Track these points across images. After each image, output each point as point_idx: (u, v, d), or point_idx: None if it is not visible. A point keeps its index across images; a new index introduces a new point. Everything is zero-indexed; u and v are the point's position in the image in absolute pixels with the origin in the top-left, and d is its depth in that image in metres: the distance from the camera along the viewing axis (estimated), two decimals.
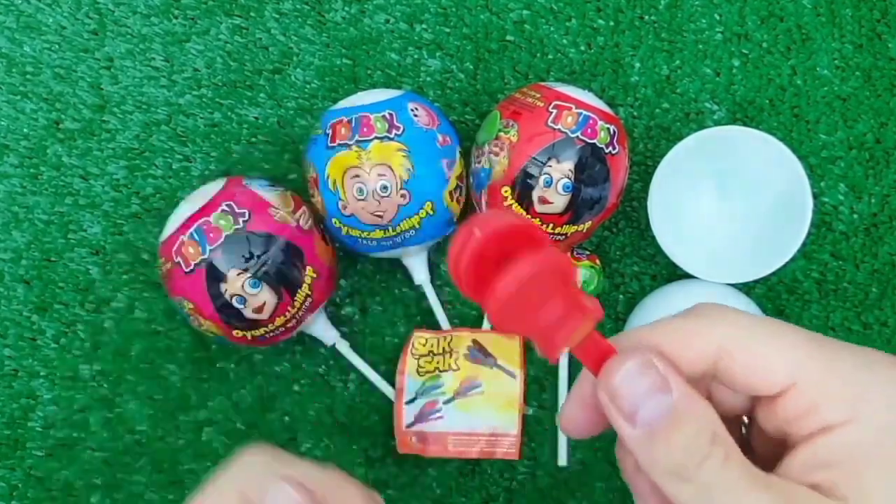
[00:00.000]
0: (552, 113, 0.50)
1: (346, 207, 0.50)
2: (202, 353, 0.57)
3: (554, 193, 0.50)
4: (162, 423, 0.56)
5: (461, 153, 0.54)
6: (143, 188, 0.58)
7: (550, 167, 0.49)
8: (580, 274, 0.54)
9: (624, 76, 0.59)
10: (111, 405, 0.56)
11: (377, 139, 0.49)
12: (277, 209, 0.50)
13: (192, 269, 0.48)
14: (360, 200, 0.50)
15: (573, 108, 0.50)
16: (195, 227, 0.48)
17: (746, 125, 0.57)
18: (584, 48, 0.59)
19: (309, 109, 0.58)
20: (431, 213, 0.51)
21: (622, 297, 0.58)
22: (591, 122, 0.50)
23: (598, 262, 0.56)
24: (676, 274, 0.57)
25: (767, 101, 0.59)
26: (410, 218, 0.51)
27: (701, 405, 0.24)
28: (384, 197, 0.50)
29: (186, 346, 0.57)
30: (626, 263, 0.58)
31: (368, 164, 0.49)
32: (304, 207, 0.52)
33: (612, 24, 0.59)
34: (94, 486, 0.56)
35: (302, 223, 0.51)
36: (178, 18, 0.58)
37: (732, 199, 0.56)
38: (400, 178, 0.49)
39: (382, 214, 0.50)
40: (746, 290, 0.57)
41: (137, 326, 0.57)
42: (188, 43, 0.58)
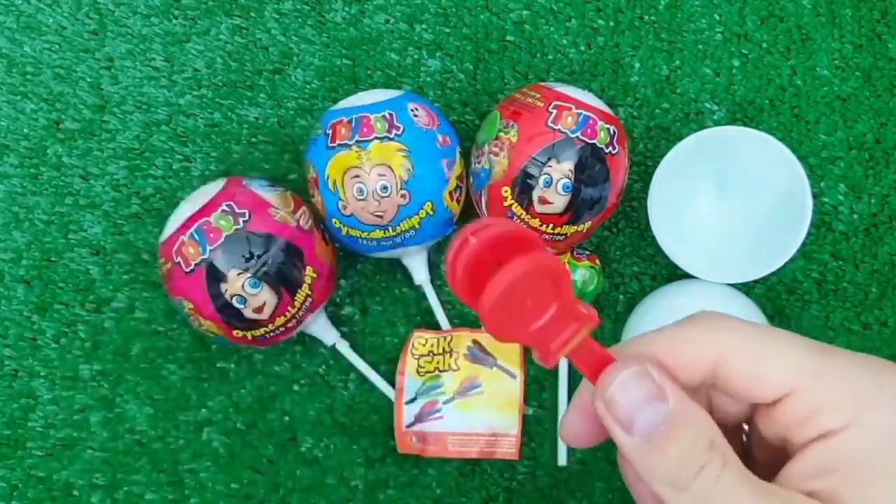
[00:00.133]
0: (552, 113, 0.50)
1: (346, 207, 0.50)
2: (202, 353, 0.57)
3: (554, 193, 0.50)
4: (162, 423, 0.56)
5: (461, 153, 0.54)
6: (143, 188, 0.58)
7: (550, 167, 0.49)
8: (580, 274, 0.54)
9: (624, 76, 0.59)
10: (111, 405, 0.56)
11: (377, 139, 0.49)
12: (277, 209, 0.50)
13: (192, 269, 0.48)
14: (360, 200, 0.50)
15: (573, 108, 0.50)
16: (195, 227, 0.48)
17: (746, 125, 0.57)
18: (584, 48, 0.59)
19: (309, 109, 0.58)
20: (431, 213, 0.51)
21: (622, 297, 0.58)
22: (591, 122, 0.50)
23: (598, 262, 0.56)
24: (676, 274, 0.57)
25: (767, 101, 0.59)
26: (410, 218, 0.51)
27: (697, 413, 0.24)
28: (384, 197, 0.50)
29: (186, 346, 0.57)
30: (626, 263, 0.58)
31: (368, 164, 0.49)
32: (304, 207, 0.52)
33: (612, 24, 0.59)
34: (94, 486, 0.56)
35: (302, 223, 0.51)
36: (178, 19, 0.58)
37: (732, 199, 0.56)
38: (400, 178, 0.49)
39: (382, 214, 0.50)
40: (746, 290, 0.57)
41: (137, 326, 0.57)
42: (188, 43, 0.58)
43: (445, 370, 0.55)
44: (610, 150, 0.50)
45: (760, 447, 0.27)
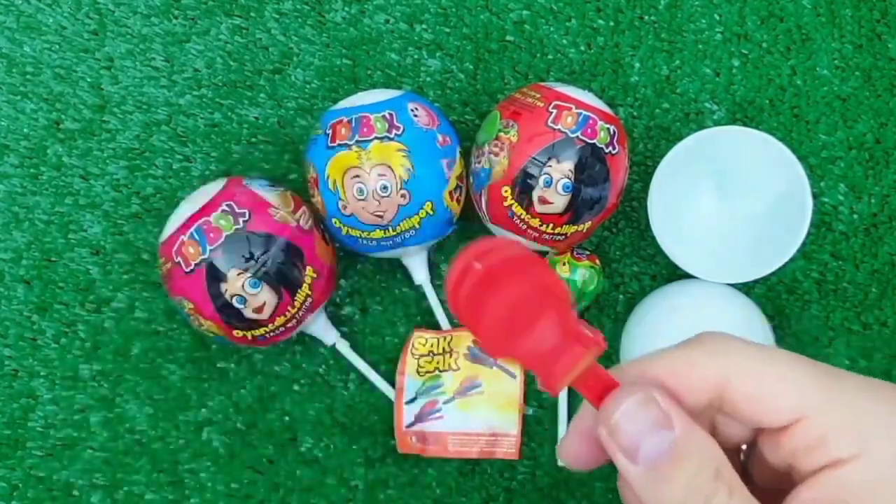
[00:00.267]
0: (552, 113, 0.50)
1: (346, 207, 0.50)
2: (202, 353, 0.57)
3: (554, 193, 0.50)
4: (162, 423, 0.56)
5: (461, 153, 0.54)
6: (143, 188, 0.58)
7: (550, 167, 0.49)
8: (580, 274, 0.54)
9: (624, 76, 0.59)
10: (111, 405, 0.56)
11: (377, 139, 0.49)
12: (277, 209, 0.50)
13: (192, 269, 0.48)
14: (360, 200, 0.50)
15: (573, 108, 0.50)
16: (195, 227, 0.48)
17: (746, 125, 0.57)
18: (584, 48, 0.59)
19: (309, 109, 0.58)
20: (431, 213, 0.51)
21: (622, 297, 0.58)
22: (591, 122, 0.50)
23: (598, 262, 0.56)
24: (676, 274, 0.57)
25: (767, 101, 0.59)
26: (410, 218, 0.51)
27: (704, 441, 0.23)
28: (384, 197, 0.50)
29: (186, 346, 0.57)
30: (626, 263, 0.58)
31: (368, 164, 0.49)
32: (304, 207, 0.52)
33: (612, 24, 0.59)
34: (94, 486, 0.56)
35: (302, 223, 0.51)
36: (178, 19, 0.58)
37: (732, 199, 0.56)
38: (400, 178, 0.49)
39: (382, 214, 0.50)
40: (746, 290, 0.57)
41: (137, 326, 0.57)
42: (188, 43, 0.58)
43: (445, 370, 0.55)
44: (610, 150, 0.50)
45: (761, 470, 0.27)
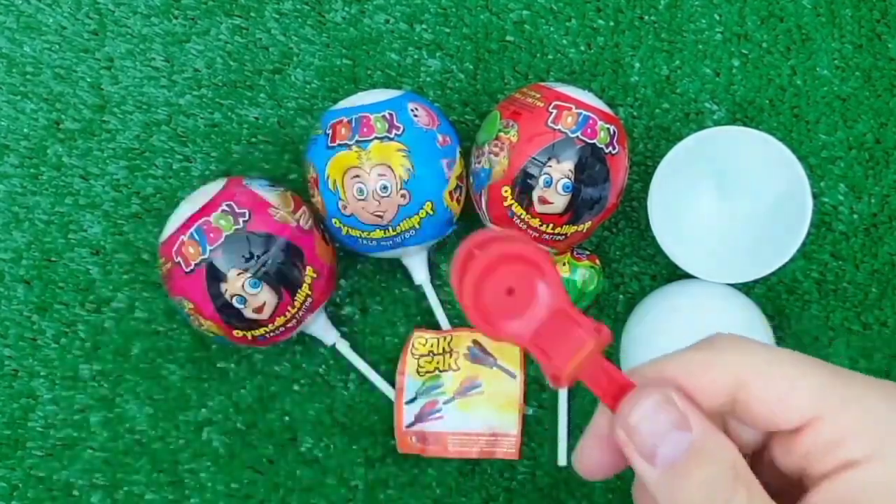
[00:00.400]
0: (552, 113, 0.50)
1: (346, 207, 0.50)
2: (202, 353, 0.57)
3: (554, 193, 0.50)
4: (162, 423, 0.56)
5: (461, 153, 0.54)
6: (143, 188, 0.58)
7: (550, 167, 0.49)
8: (580, 274, 0.54)
9: (624, 76, 0.59)
10: (111, 405, 0.56)
11: (377, 139, 0.49)
12: (277, 209, 0.50)
13: (192, 269, 0.48)
14: (360, 200, 0.50)
15: (573, 108, 0.50)
16: (195, 227, 0.48)
17: (746, 125, 0.57)
18: (584, 48, 0.59)
19: (309, 109, 0.58)
20: (431, 213, 0.51)
21: (622, 297, 0.58)
22: (590, 122, 0.50)
23: (598, 262, 0.56)
24: (676, 274, 0.57)
25: (767, 101, 0.59)
26: (410, 218, 0.51)
27: (722, 442, 0.23)
28: (384, 197, 0.50)
29: (186, 346, 0.57)
30: (626, 263, 0.58)
31: (368, 164, 0.49)
32: (304, 207, 0.52)
33: (612, 24, 0.59)
34: (94, 486, 0.56)
35: (302, 223, 0.51)
36: (178, 19, 0.58)
37: (732, 199, 0.56)
38: (400, 178, 0.49)
39: (382, 214, 0.50)
40: (746, 290, 0.57)
41: (137, 326, 0.57)
42: (188, 43, 0.58)
43: (445, 370, 0.55)
44: (610, 150, 0.50)
45: (771, 473, 0.26)
